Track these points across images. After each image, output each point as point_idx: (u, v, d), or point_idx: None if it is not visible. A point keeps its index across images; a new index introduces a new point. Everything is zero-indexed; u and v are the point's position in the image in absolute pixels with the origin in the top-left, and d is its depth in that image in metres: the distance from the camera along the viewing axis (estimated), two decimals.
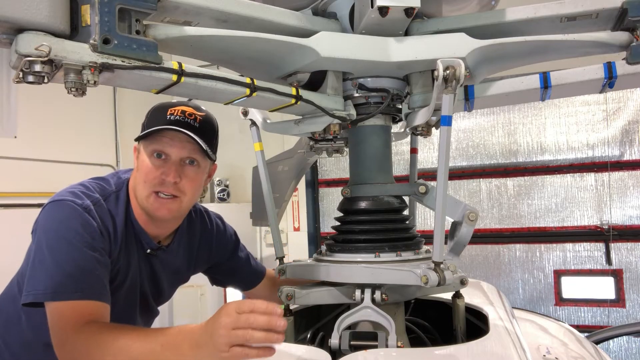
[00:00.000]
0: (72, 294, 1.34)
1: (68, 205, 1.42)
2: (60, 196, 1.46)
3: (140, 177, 1.54)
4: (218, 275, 1.94)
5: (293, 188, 2.33)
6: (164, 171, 1.50)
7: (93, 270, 1.39)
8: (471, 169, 5.52)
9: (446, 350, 1.47)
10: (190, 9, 1.23)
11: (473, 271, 5.42)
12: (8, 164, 4.83)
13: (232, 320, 1.12)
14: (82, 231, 1.40)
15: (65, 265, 1.36)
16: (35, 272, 1.37)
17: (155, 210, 1.53)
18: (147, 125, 1.54)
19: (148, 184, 1.51)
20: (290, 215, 6.09)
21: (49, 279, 1.34)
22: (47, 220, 1.43)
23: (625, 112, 5.04)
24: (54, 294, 1.34)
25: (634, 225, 4.99)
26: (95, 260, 1.41)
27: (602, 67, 1.39)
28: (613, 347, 4.94)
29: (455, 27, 1.44)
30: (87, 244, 1.40)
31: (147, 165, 1.52)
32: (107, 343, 1.27)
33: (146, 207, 1.54)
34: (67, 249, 1.38)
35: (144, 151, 1.54)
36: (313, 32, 1.37)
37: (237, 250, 1.91)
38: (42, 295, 1.34)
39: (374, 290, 1.44)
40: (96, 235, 1.43)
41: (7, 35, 1.00)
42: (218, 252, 1.86)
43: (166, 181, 1.50)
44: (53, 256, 1.37)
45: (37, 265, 1.38)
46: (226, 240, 1.87)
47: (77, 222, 1.41)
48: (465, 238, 1.45)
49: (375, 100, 1.54)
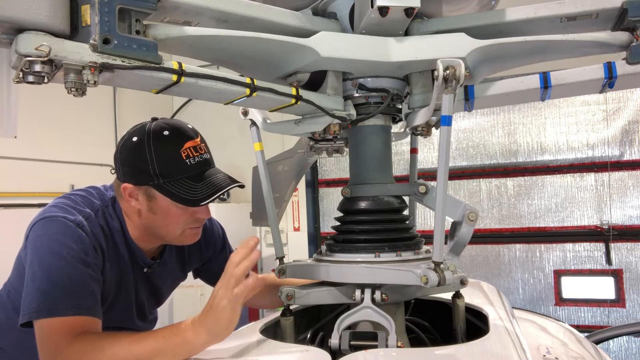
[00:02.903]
0: (65, 309, 1.32)
1: (59, 222, 1.40)
2: (50, 212, 1.43)
3: (164, 221, 1.51)
4: (208, 273, 1.91)
5: (293, 188, 2.33)
6: (196, 211, 1.52)
7: (86, 286, 1.38)
8: (471, 169, 5.53)
9: (446, 350, 1.47)
10: (190, 9, 1.23)
11: (473, 271, 5.42)
12: (8, 164, 4.84)
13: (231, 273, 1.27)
14: (75, 247, 1.38)
15: (58, 282, 1.34)
16: (28, 291, 1.36)
17: (190, 240, 1.60)
18: (161, 174, 1.44)
19: (180, 226, 1.53)
20: (290, 215, 6.09)
21: (42, 297, 1.33)
22: (39, 237, 1.40)
23: (625, 112, 5.04)
24: (48, 310, 1.32)
25: (634, 225, 4.99)
26: (88, 276, 1.39)
27: (602, 67, 1.39)
28: (613, 347, 4.94)
29: (455, 27, 1.44)
30: (80, 260, 1.38)
31: (175, 211, 1.49)
32: (104, 346, 1.27)
33: (179, 242, 1.60)
34: (60, 265, 1.36)
35: (165, 199, 1.47)
36: (313, 32, 1.37)
37: (226, 246, 1.91)
38: (36, 314, 1.32)
39: (374, 290, 1.44)
40: (89, 251, 1.41)
41: (7, 35, 1.00)
42: (208, 249, 1.85)
43: (202, 220, 1.57)
44: (46, 273, 1.35)
45: (29, 284, 1.36)
46: (214, 236, 1.86)
47: (70, 238, 1.39)
48: (465, 238, 1.45)
49: (375, 100, 1.54)
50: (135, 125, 1.54)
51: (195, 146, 1.48)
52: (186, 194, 1.44)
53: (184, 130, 1.49)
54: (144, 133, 1.47)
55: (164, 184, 1.45)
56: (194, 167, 1.46)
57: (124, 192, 1.50)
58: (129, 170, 1.49)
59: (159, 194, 1.47)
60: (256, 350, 1.39)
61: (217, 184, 1.48)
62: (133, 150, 1.47)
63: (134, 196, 1.50)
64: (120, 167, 1.51)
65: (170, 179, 1.44)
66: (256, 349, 1.40)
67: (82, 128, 5.52)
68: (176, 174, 1.45)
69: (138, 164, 1.46)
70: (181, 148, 1.45)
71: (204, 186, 1.46)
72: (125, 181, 1.49)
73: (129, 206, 1.52)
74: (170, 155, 1.45)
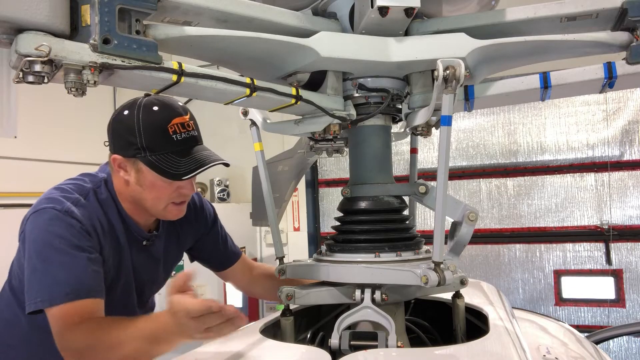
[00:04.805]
0: (66, 296, 1.39)
1: (48, 212, 1.45)
2: (39, 205, 1.48)
3: (150, 194, 1.55)
4: (198, 251, 1.94)
5: (293, 188, 2.33)
6: (180, 186, 1.55)
7: (84, 270, 1.43)
8: (471, 169, 5.52)
9: (446, 350, 1.47)
10: (190, 9, 1.23)
11: (473, 271, 5.42)
12: (8, 164, 4.83)
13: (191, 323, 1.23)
14: (67, 234, 1.43)
15: (56, 271, 1.41)
16: (31, 283, 1.43)
17: (173, 216, 1.62)
18: (148, 147, 1.48)
19: (164, 200, 1.56)
20: (290, 215, 6.08)
21: (44, 287, 1.40)
22: (32, 231, 1.46)
23: (625, 112, 5.04)
24: (51, 300, 1.39)
25: (634, 225, 4.99)
26: (86, 259, 1.44)
27: (602, 67, 1.39)
28: (613, 347, 4.94)
29: (455, 27, 1.44)
30: (73, 246, 1.43)
31: (160, 185, 1.53)
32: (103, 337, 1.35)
33: (162, 216, 1.63)
34: (55, 255, 1.42)
35: (151, 172, 1.51)
36: (313, 32, 1.37)
37: (217, 223, 1.93)
38: (41, 303, 1.40)
39: (374, 290, 1.44)
40: (80, 235, 1.45)
41: (7, 35, 1.01)
42: (199, 224, 1.87)
43: (186, 195, 1.59)
44: (43, 264, 1.42)
45: (30, 276, 1.43)
46: (204, 212, 1.89)
47: (60, 227, 1.43)
48: (465, 238, 1.45)
49: (375, 100, 1.54)
50: (128, 100, 1.58)
51: (183, 122, 1.52)
52: (170, 167, 1.49)
53: (174, 107, 1.53)
54: (135, 107, 1.51)
55: (149, 157, 1.49)
56: (180, 142, 1.50)
57: (113, 162, 1.55)
58: (118, 142, 1.54)
59: (145, 167, 1.51)
60: (256, 350, 1.39)
61: (201, 160, 1.52)
62: (123, 122, 1.52)
63: (122, 167, 1.54)
64: (111, 139, 1.57)
65: (156, 152, 1.49)
66: (256, 349, 1.40)
67: (82, 128, 5.51)
68: (162, 148, 1.49)
69: (127, 136, 1.50)
70: (169, 123, 1.49)
71: (188, 161, 1.50)
72: (115, 152, 1.55)
73: (118, 178, 1.57)
74: (158, 129, 1.49)
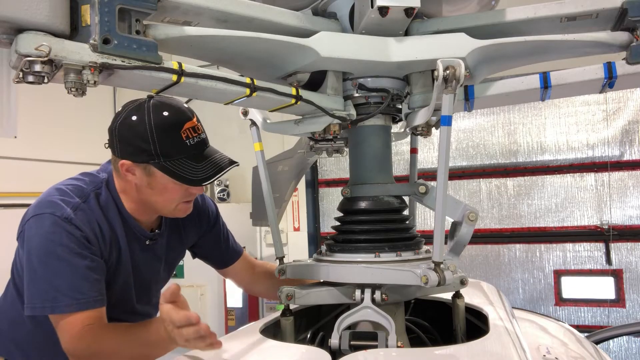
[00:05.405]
0: (67, 307, 1.40)
1: (48, 219, 1.45)
2: (40, 210, 1.48)
3: (161, 197, 1.56)
4: (200, 249, 1.95)
5: (293, 188, 2.33)
6: (191, 187, 1.56)
7: (85, 278, 1.43)
8: (471, 169, 5.52)
9: (446, 350, 1.47)
10: (190, 9, 1.23)
11: (473, 271, 5.42)
12: (8, 164, 4.84)
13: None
14: (68, 242, 1.43)
15: (57, 280, 1.41)
16: (30, 287, 1.44)
17: (183, 214, 1.64)
18: (162, 154, 1.48)
19: (176, 201, 1.58)
20: (290, 215, 6.08)
21: (43, 294, 1.41)
22: (33, 237, 1.46)
23: (625, 112, 5.04)
24: (52, 308, 1.41)
25: (634, 225, 4.99)
26: (86, 267, 1.44)
27: (602, 67, 1.38)
28: (613, 347, 4.94)
29: (455, 27, 1.44)
30: (74, 254, 1.43)
31: (172, 187, 1.54)
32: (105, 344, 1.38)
33: (171, 214, 1.64)
34: (56, 264, 1.42)
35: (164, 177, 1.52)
36: (313, 32, 1.37)
37: (219, 221, 1.95)
38: (40, 309, 1.42)
39: (374, 290, 1.44)
40: (81, 243, 1.45)
41: (7, 35, 1.00)
42: (202, 221, 1.87)
43: (195, 194, 1.62)
44: (44, 272, 1.42)
45: (29, 280, 1.44)
46: (207, 210, 1.90)
47: (60, 235, 1.43)
48: (465, 238, 1.45)
49: (375, 100, 1.54)
50: (130, 102, 1.56)
51: (193, 127, 1.53)
52: (187, 173, 1.49)
53: (183, 111, 1.54)
54: (144, 113, 1.50)
55: (164, 163, 1.49)
56: (193, 147, 1.52)
57: (121, 167, 1.54)
58: (128, 149, 1.52)
59: (158, 172, 1.51)
60: (256, 350, 1.39)
61: (217, 164, 1.54)
62: (133, 128, 1.50)
63: (131, 171, 1.54)
64: (117, 144, 1.54)
65: (172, 158, 1.50)
66: (256, 349, 1.40)
67: (82, 128, 5.51)
68: (177, 154, 1.50)
69: (138, 143, 1.49)
70: (181, 129, 1.50)
71: (205, 166, 1.52)
72: (123, 158, 1.53)
73: (125, 181, 1.57)
74: (172, 136, 1.49)
